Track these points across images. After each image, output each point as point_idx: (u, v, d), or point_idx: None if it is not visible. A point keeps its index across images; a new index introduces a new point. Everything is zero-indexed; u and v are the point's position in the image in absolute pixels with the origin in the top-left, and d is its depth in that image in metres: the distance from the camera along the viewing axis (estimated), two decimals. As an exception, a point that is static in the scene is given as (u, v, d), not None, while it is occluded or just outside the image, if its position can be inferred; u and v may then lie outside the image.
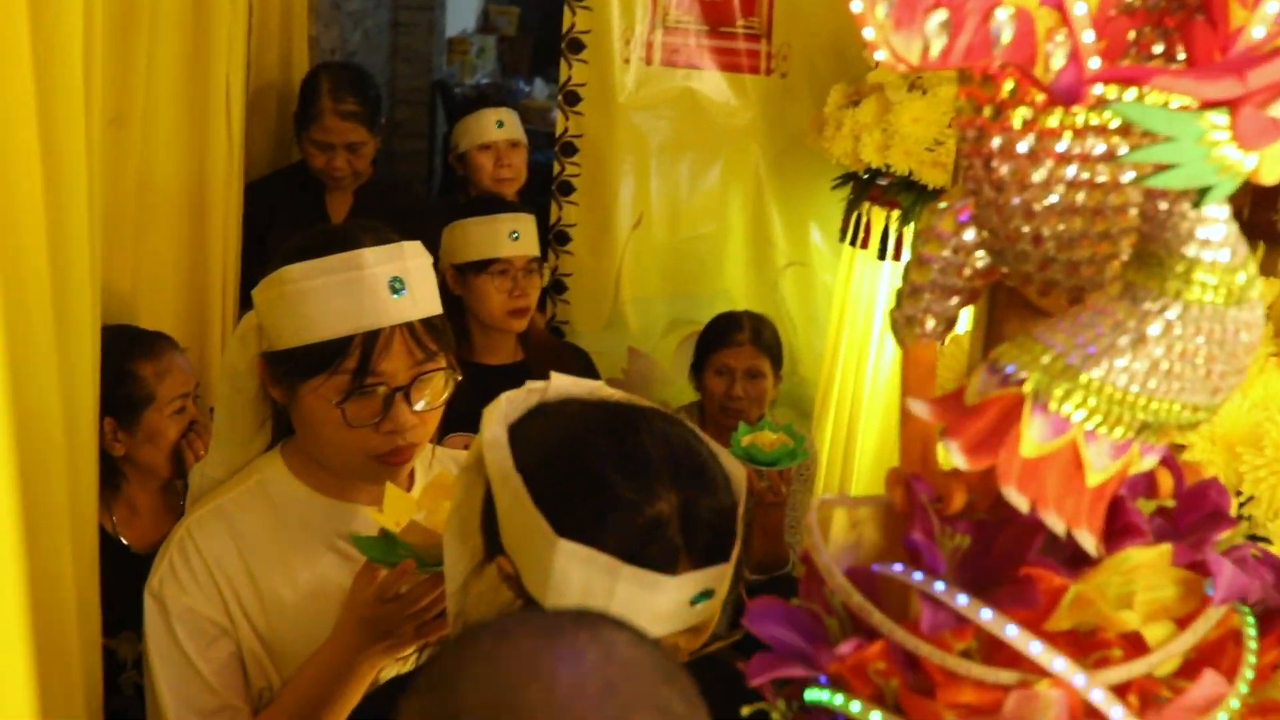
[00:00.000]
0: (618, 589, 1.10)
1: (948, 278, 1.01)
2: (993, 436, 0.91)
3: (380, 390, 1.52)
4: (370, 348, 1.50)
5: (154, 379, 2.24)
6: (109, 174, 2.21)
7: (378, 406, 1.53)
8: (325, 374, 1.51)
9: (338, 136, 3.24)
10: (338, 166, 3.27)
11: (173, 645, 1.53)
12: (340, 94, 3.22)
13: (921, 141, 2.89)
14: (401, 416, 1.54)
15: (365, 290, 1.50)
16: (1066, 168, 0.93)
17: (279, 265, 1.53)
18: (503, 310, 2.82)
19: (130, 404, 2.23)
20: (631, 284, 3.75)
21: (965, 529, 1.00)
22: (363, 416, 1.52)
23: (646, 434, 1.17)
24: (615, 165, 3.67)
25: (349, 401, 1.51)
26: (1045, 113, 0.92)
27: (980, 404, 0.91)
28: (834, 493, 3.32)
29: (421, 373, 1.55)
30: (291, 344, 1.51)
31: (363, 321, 1.50)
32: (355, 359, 1.50)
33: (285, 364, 1.53)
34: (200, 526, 1.58)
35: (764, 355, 3.10)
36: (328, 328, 1.50)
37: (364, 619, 1.50)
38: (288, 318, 1.51)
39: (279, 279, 1.51)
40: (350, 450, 1.55)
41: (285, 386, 1.55)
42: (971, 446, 0.91)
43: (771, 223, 3.71)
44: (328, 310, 1.49)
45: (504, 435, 1.18)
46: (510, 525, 1.17)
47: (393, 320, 1.52)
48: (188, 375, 2.31)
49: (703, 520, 1.14)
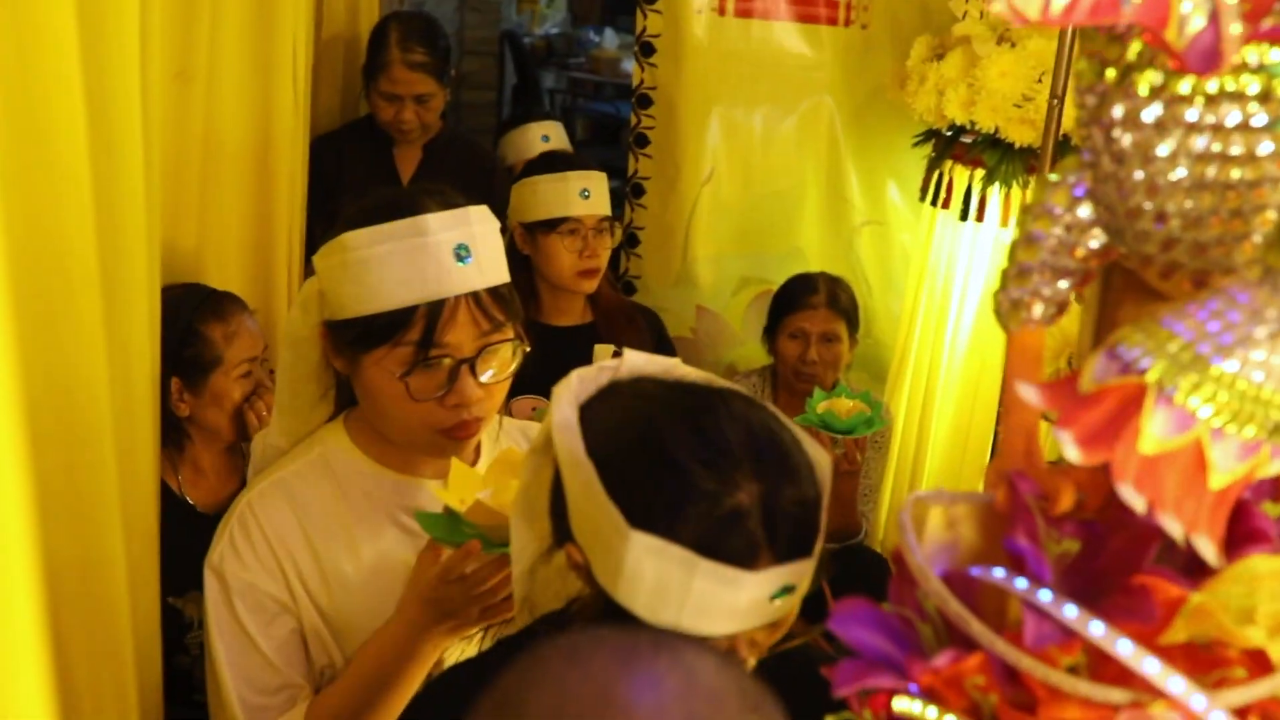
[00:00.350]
0: (694, 584, 1.03)
1: (1059, 258, 0.93)
2: (1109, 428, 0.83)
3: (445, 362, 1.46)
4: (434, 318, 1.44)
5: (222, 341, 2.21)
6: (173, 130, 2.17)
7: (442, 379, 1.47)
8: (388, 345, 1.45)
9: (405, 88, 3.18)
10: (405, 119, 3.21)
11: (233, 622, 1.49)
12: (409, 44, 3.15)
13: (1009, 97, 2.78)
14: (467, 389, 1.47)
15: (429, 258, 1.43)
16: (1196, 139, 0.84)
17: (340, 231, 1.47)
18: (572, 271, 2.75)
19: (197, 365, 2.20)
20: (702, 240, 3.67)
21: (1073, 532, 0.92)
22: (427, 390, 1.46)
23: (725, 418, 1.10)
24: (688, 118, 3.58)
25: (413, 374, 1.45)
26: (1175, 78, 0.83)
27: (1097, 392, 0.83)
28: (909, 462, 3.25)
29: (488, 344, 1.49)
30: (353, 314, 1.46)
31: (426, 291, 1.44)
32: (419, 330, 1.44)
33: (347, 334, 1.48)
34: (261, 500, 1.53)
35: (840, 319, 3.02)
36: (390, 297, 1.43)
37: (428, 599, 1.45)
38: (349, 286, 1.45)
39: (340, 246, 1.45)
40: (414, 424, 1.49)
41: (347, 357, 1.50)
42: (1086, 438, 0.83)
43: (848, 179, 3.61)
44: (390, 279, 1.43)
45: (574, 417, 1.12)
46: (580, 513, 1.11)
47: (458, 289, 1.45)
48: (256, 338, 2.27)
49: (785, 512, 1.07)
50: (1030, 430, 0.96)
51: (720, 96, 3.56)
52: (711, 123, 3.58)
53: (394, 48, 3.15)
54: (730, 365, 3.70)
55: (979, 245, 3.06)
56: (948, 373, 3.20)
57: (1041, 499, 0.92)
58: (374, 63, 3.20)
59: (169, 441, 2.23)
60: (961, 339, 3.15)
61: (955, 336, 3.16)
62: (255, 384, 2.25)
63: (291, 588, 1.51)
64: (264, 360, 2.30)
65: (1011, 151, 2.88)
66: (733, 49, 3.52)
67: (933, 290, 3.19)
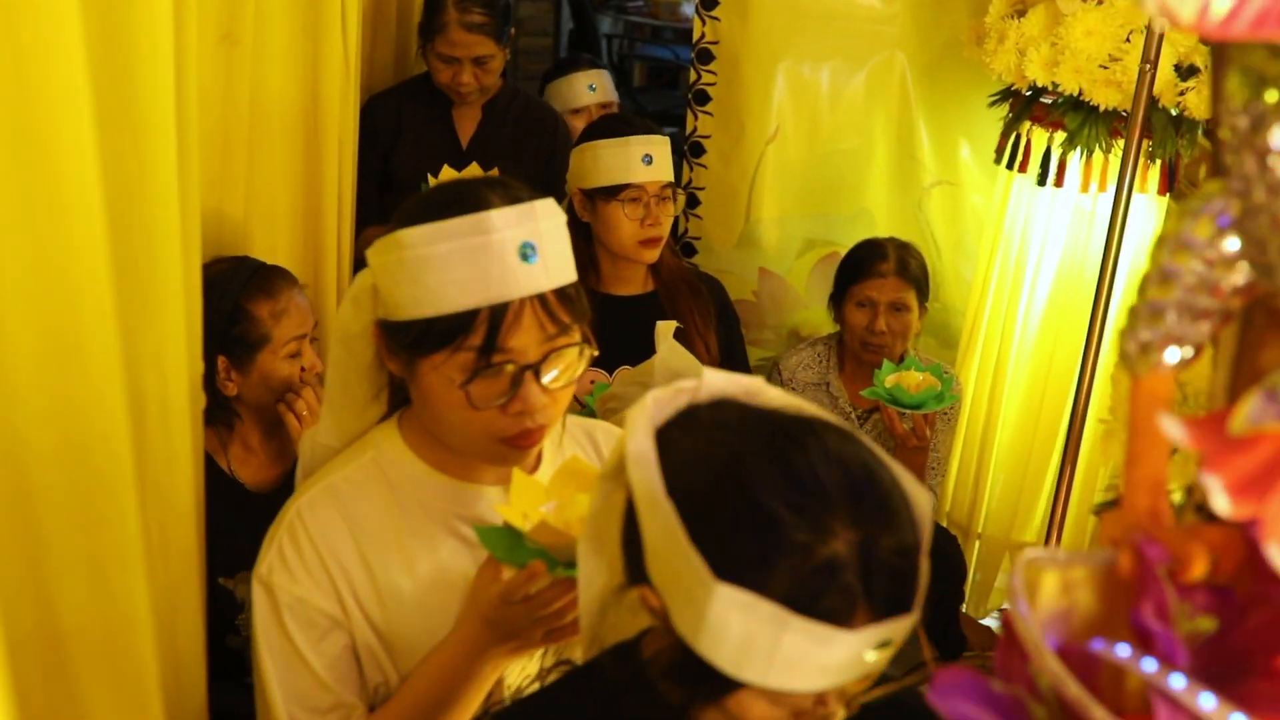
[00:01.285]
0: (784, 641, 0.94)
1: (1198, 296, 0.82)
2: (1265, 478, 0.72)
3: (508, 369, 1.36)
4: (498, 322, 1.33)
5: (270, 320, 2.14)
6: (220, 95, 2.09)
7: (505, 386, 1.37)
8: (448, 350, 1.35)
9: (463, 50, 3.06)
10: (464, 82, 3.10)
11: (283, 638, 1.41)
12: (466, 4, 3.03)
13: (1095, 58, 2.64)
14: (531, 396, 1.37)
15: (493, 258, 1.32)
16: (1368, 170, 0.73)
17: (397, 225, 1.36)
18: (634, 240, 2.64)
19: (245, 344, 2.13)
20: (766, 200, 3.56)
21: (1206, 604, 0.82)
22: (488, 397, 1.36)
23: (818, 455, 1.00)
24: (752, 73, 3.46)
25: (474, 381, 1.36)
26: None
27: (1251, 437, 0.73)
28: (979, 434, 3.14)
29: (554, 349, 1.38)
30: (410, 315, 1.35)
31: (489, 293, 1.33)
32: (481, 335, 1.33)
33: (403, 337, 1.38)
34: (311, 508, 1.45)
35: (910, 287, 2.90)
36: (450, 300, 1.33)
37: (489, 619, 1.37)
38: (406, 286, 1.34)
39: (396, 243, 1.35)
40: (474, 432, 1.40)
41: (403, 360, 1.40)
42: (1237, 486, 0.72)
43: (918, 138, 3.48)
44: (450, 280, 1.32)
45: (652, 450, 1.02)
46: (658, 556, 1.02)
47: (523, 291, 1.34)
48: (305, 315, 2.20)
49: (884, 562, 0.97)
50: (1157, 486, 0.86)
51: (786, 51, 3.43)
52: (777, 78, 3.45)
53: (451, 8, 3.03)
54: (793, 330, 3.60)
55: (1057, 211, 2.93)
56: (1020, 344, 3.08)
57: (1171, 565, 0.82)
58: (430, 23, 3.08)
59: (218, 420, 2.18)
60: (1036, 309, 3.03)
61: (1030, 307, 3.03)
62: (304, 363, 2.18)
63: (344, 602, 1.43)
64: (314, 338, 2.23)
65: (1095, 114, 2.74)
66: (800, 1, 3.38)
67: (1007, 257, 3.06)
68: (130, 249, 1.42)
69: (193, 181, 1.61)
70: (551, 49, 6.62)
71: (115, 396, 1.38)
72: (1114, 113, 2.72)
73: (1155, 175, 2.82)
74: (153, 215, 1.47)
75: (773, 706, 1.01)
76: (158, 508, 1.54)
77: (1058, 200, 2.91)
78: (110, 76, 1.31)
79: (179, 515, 1.66)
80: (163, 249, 1.51)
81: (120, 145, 1.37)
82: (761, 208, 3.55)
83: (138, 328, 1.46)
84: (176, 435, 1.62)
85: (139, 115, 1.41)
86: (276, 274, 2.19)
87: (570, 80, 3.82)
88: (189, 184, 1.59)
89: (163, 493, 1.58)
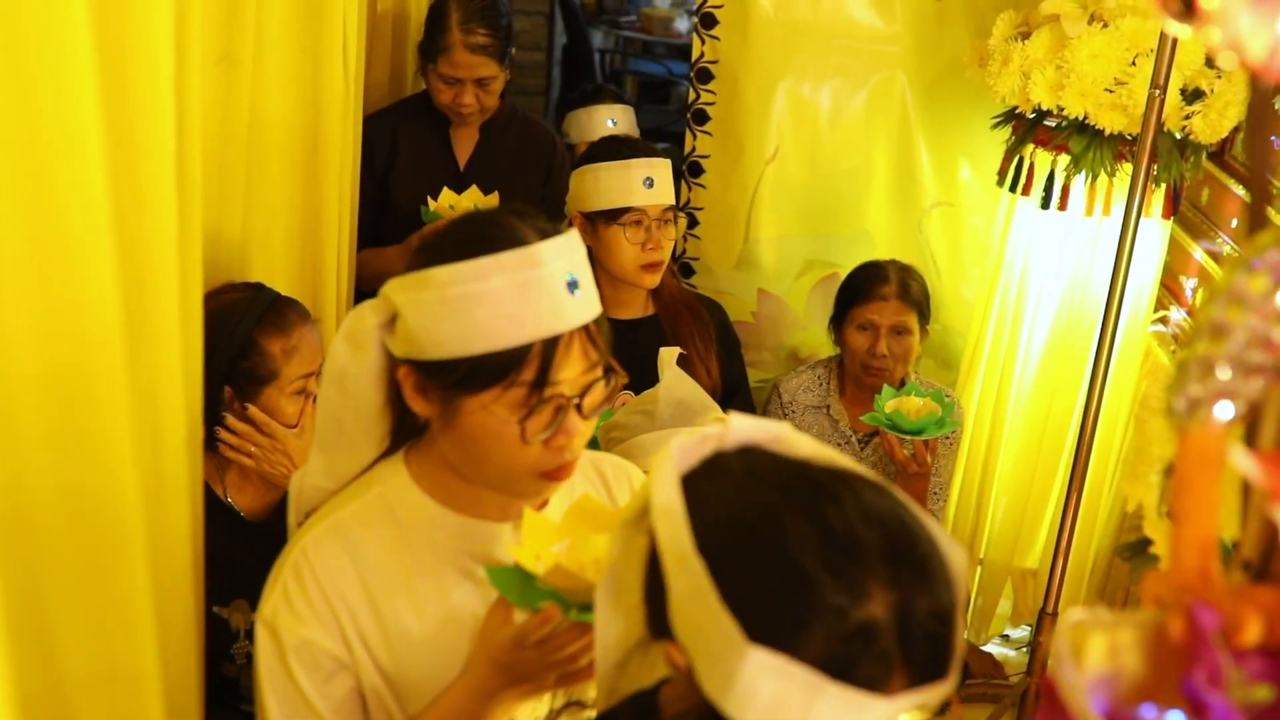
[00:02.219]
0: (816, 708, 0.91)
1: (1250, 351, 0.79)
2: None
3: (556, 401, 1.34)
4: (550, 356, 1.31)
5: (281, 356, 2.09)
6: (218, 117, 2.06)
7: (549, 419, 1.34)
8: (500, 387, 1.32)
9: (467, 71, 3.02)
10: (465, 103, 3.06)
11: (287, 681, 1.38)
12: (470, 25, 2.98)
13: (1100, 81, 2.62)
14: (573, 427, 1.36)
15: (544, 291, 1.30)
16: None
17: (423, 261, 1.33)
18: (635, 264, 2.61)
19: (253, 378, 2.09)
20: (765, 221, 3.53)
21: (1261, 671, 0.79)
22: (538, 431, 1.34)
23: (854, 511, 0.96)
24: (752, 93, 3.43)
25: (530, 417, 1.33)
26: None
27: None
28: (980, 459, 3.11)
29: (595, 379, 1.37)
30: (457, 354, 1.31)
31: (542, 327, 1.30)
32: (534, 369, 1.31)
33: (448, 376, 1.33)
34: (316, 547, 1.41)
35: (911, 310, 2.88)
36: (504, 335, 1.30)
37: (500, 663, 1.34)
38: (450, 323, 1.31)
39: (430, 281, 1.31)
40: (518, 468, 1.37)
41: (441, 399, 1.36)
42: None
43: (918, 159, 3.45)
44: (503, 315, 1.29)
45: (680, 503, 0.99)
46: (685, 614, 0.98)
47: (572, 324, 1.32)
48: (315, 353, 2.15)
49: (922, 625, 0.94)
50: (1207, 546, 0.83)
51: (787, 71, 3.41)
52: (777, 98, 3.42)
53: (455, 29, 2.99)
54: (792, 351, 3.57)
55: (1060, 235, 2.90)
56: (1023, 368, 3.06)
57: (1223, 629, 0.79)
58: (433, 43, 3.04)
59: (216, 448, 2.14)
60: (1040, 333, 3.01)
61: (1033, 330, 3.01)
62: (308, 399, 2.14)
63: (350, 644, 1.39)
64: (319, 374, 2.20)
65: (1100, 138, 2.72)
66: (801, 20, 3.37)
67: (1009, 280, 3.04)
68: (131, 275, 1.39)
69: (193, 205, 1.59)
70: (544, 64, 6.60)
71: (120, 429, 1.35)
72: (1119, 136, 2.70)
73: (1160, 198, 2.80)
74: (151, 243, 1.44)
75: None
76: (157, 552, 1.50)
77: (1061, 223, 2.89)
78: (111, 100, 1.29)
79: (174, 545, 1.62)
80: (161, 276, 1.48)
81: (120, 170, 1.35)
82: (760, 228, 3.52)
83: (139, 356, 1.43)
84: (171, 465, 1.58)
85: (138, 138, 1.38)
86: (291, 308, 2.14)
87: (591, 112, 3.77)
88: (189, 207, 1.56)
89: (158, 523, 1.54)
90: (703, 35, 3.43)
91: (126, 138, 1.35)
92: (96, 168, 1.24)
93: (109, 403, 1.34)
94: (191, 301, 1.61)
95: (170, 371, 1.54)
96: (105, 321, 1.31)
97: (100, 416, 1.34)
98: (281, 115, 2.25)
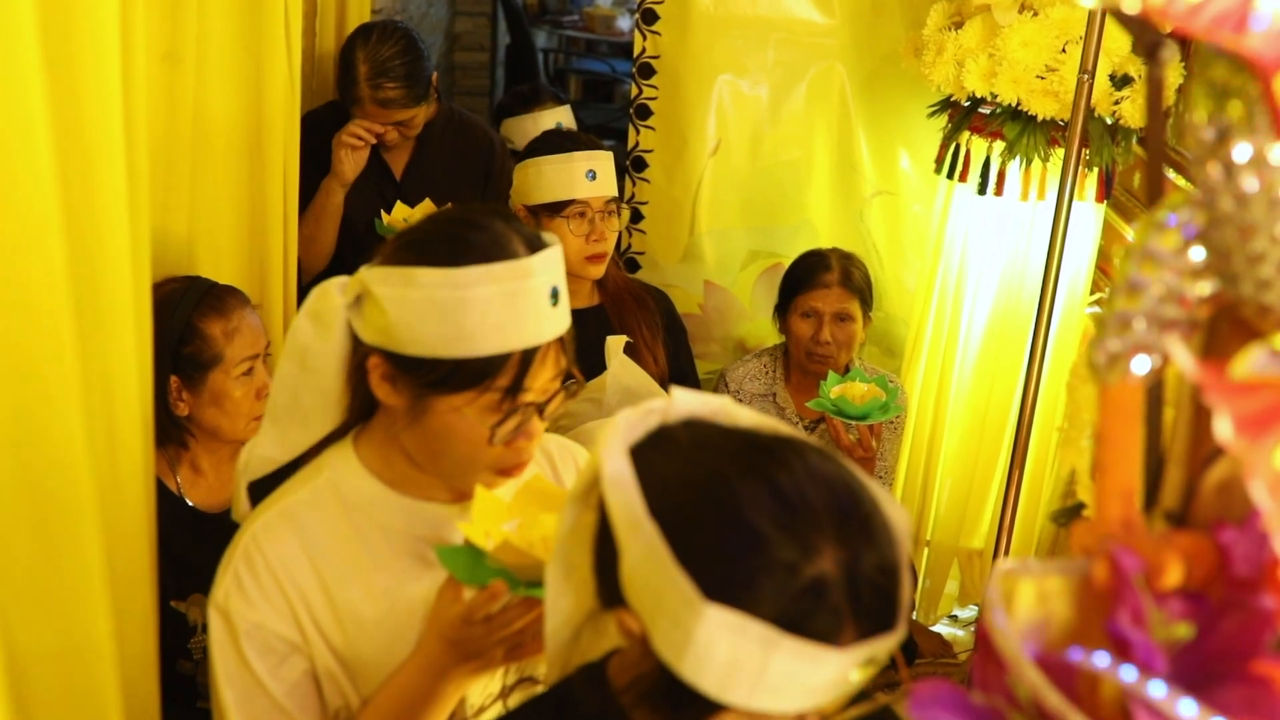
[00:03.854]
0: (772, 663, 0.94)
1: (1165, 306, 0.83)
2: (1264, 419, 0.73)
3: (527, 407, 1.39)
4: (528, 364, 1.35)
5: (222, 339, 2.11)
6: (163, 114, 2.07)
7: (516, 422, 1.39)
8: (474, 391, 1.35)
9: (382, 119, 2.99)
10: (388, 140, 3.04)
11: (241, 666, 1.39)
12: (378, 81, 2.94)
13: (1031, 69, 2.68)
14: (535, 430, 1.41)
15: (530, 303, 1.34)
16: (1332, 179, 0.75)
17: (407, 258, 1.35)
18: (579, 256, 2.63)
19: (196, 363, 2.10)
20: (709, 213, 3.57)
21: (1182, 611, 0.83)
22: (505, 433, 1.38)
23: (802, 474, 1.00)
24: (693, 88, 3.47)
25: (504, 421, 1.37)
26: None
27: (1253, 384, 0.74)
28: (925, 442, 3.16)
29: (562, 387, 1.42)
30: (435, 354, 1.34)
31: (524, 337, 1.35)
32: (510, 376, 1.35)
33: (424, 374, 1.36)
34: (267, 532, 1.43)
35: (854, 297, 2.92)
36: (488, 343, 1.33)
37: (450, 640, 1.36)
38: (435, 325, 1.33)
39: (417, 280, 1.33)
40: (478, 465, 1.41)
41: (413, 394, 1.39)
42: (1244, 421, 0.73)
43: (858, 149, 3.50)
44: (490, 323, 1.32)
45: (630, 471, 1.02)
46: (638, 579, 1.01)
47: (551, 335, 1.37)
48: (258, 335, 2.18)
49: (869, 581, 0.98)
50: (1129, 494, 0.87)
51: (727, 64, 3.45)
52: (718, 92, 3.46)
53: (363, 83, 2.94)
54: (740, 341, 3.61)
55: (997, 220, 2.96)
56: (964, 352, 3.11)
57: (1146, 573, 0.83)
58: (344, 93, 2.99)
59: (170, 440, 2.15)
60: (979, 317, 3.07)
61: (973, 314, 3.07)
62: (257, 384, 2.15)
63: (302, 627, 1.41)
64: (269, 356, 2.21)
65: (1033, 124, 2.78)
66: (740, 14, 3.41)
67: (949, 266, 3.09)
68: (82, 270, 1.41)
69: (142, 201, 1.60)
70: (488, 64, 6.61)
71: (73, 422, 1.37)
72: (1051, 122, 2.76)
73: (1093, 182, 2.86)
74: (102, 235, 1.46)
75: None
76: (111, 536, 1.52)
77: (997, 209, 2.95)
78: (60, 97, 1.30)
79: (129, 538, 1.63)
80: (112, 269, 1.50)
81: (70, 166, 1.36)
82: (705, 221, 3.56)
83: (91, 350, 1.44)
84: (125, 458, 1.60)
85: (87, 135, 1.40)
86: (229, 293, 2.16)
87: (536, 118, 3.63)
88: (138, 203, 1.58)
89: (112, 516, 1.56)
90: (644, 31, 3.46)
91: (75, 131, 1.37)
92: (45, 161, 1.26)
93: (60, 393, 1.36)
94: (143, 297, 1.62)
95: (124, 362, 1.55)
96: (56, 314, 1.32)
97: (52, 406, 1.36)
98: (225, 113, 2.25)
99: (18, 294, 1.27)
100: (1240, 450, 0.72)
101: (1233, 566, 0.82)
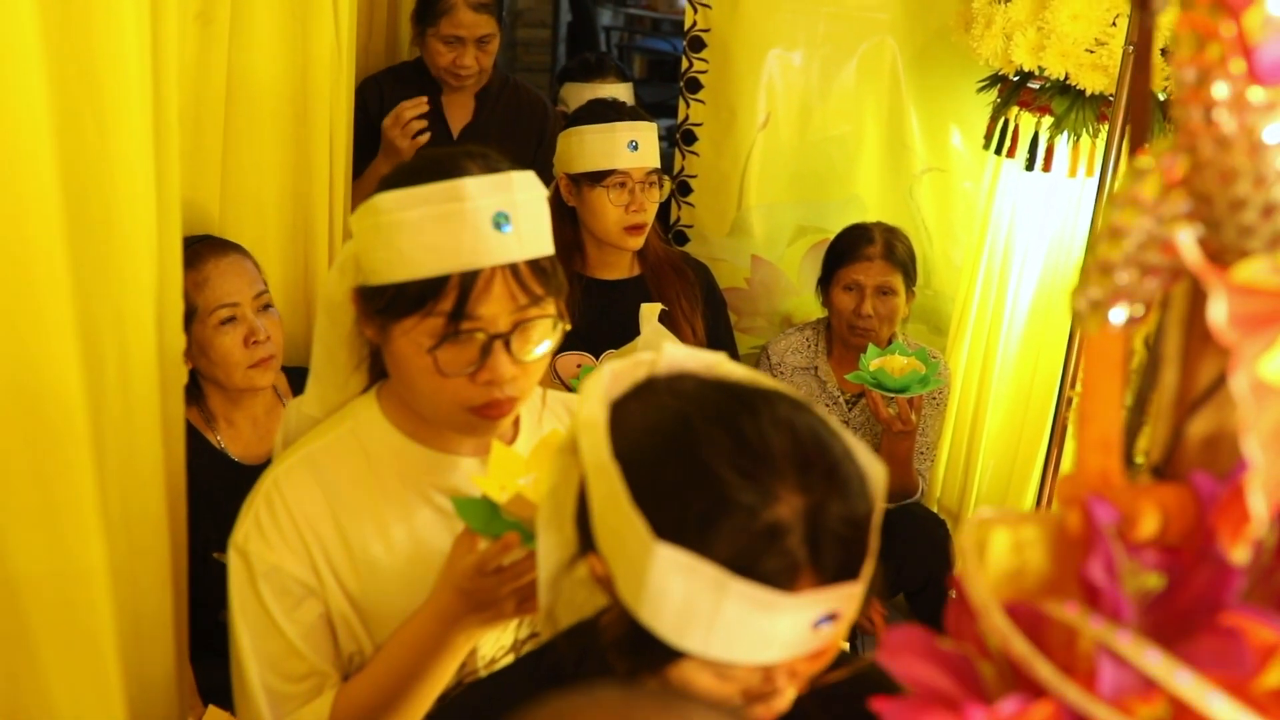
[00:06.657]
0: (725, 606, 0.94)
1: (1147, 253, 0.82)
2: (1258, 319, 0.73)
3: (478, 337, 1.37)
4: (468, 289, 1.34)
5: (193, 290, 2.12)
6: (193, 74, 2.07)
7: (474, 354, 1.37)
8: (418, 315, 1.35)
9: (469, 30, 3.05)
10: (465, 64, 3.09)
11: (258, 605, 1.42)
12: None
13: (1080, 42, 2.63)
14: (500, 367, 1.38)
15: (465, 225, 1.33)
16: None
17: (378, 190, 1.38)
18: (618, 226, 2.64)
19: None
20: (757, 188, 3.55)
21: (1155, 563, 0.82)
22: (457, 365, 1.37)
23: (769, 422, 0.99)
24: (743, 61, 3.45)
25: (442, 347, 1.36)
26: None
27: (1252, 287, 0.73)
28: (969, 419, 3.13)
29: (525, 319, 1.39)
30: (384, 280, 1.37)
31: (461, 260, 1.34)
32: (451, 301, 1.34)
33: (377, 301, 1.39)
34: (288, 477, 1.46)
35: (896, 271, 2.90)
36: (423, 264, 1.34)
37: (462, 590, 1.37)
38: (381, 250, 1.35)
39: (373, 208, 1.36)
40: (443, 400, 1.40)
41: (377, 325, 1.41)
42: (1239, 317, 0.72)
43: (908, 124, 3.47)
44: (423, 244, 1.33)
45: (603, 415, 1.02)
46: (604, 521, 1.01)
47: (494, 260, 1.35)
48: (236, 282, 2.17)
49: (831, 529, 0.96)
50: (1109, 445, 0.86)
51: (777, 38, 3.43)
52: (768, 65, 3.44)
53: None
54: (786, 316, 3.60)
55: (1045, 196, 2.92)
56: (1009, 328, 3.08)
57: (1120, 524, 0.82)
58: (431, 7, 3.07)
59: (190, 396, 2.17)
60: (1026, 294, 3.03)
61: (1019, 291, 3.03)
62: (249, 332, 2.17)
63: (319, 571, 1.44)
64: (260, 300, 2.22)
65: (1082, 98, 2.74)
66: (791, -12, 3.38)
67: (995, 242, 3.06)
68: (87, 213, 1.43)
69: (170, 156, 1.62)
70: (549, 41, 6.62)
71: (67, 351, 1.39)
72: (1101, 96, 2.72)
73: (1142, 159, 2.81)
74: (114, 181, 1.47)
75: (718, 680, 1.00)
76: (117, 471, 1.55)
77: (1045, 185, 2.91)
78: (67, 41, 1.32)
79: (142, 482, 1.66)
80: (125, 215, 1.51)
81: (79, 109, 1.38)
82: (753, 195, 3.54)
83: (95, 290, 1.46)
84: (140, 401, 1.62)
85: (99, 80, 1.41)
86: (202, 245, 2.17)
87: (596, 89, 3.73)
88: (166, 158, 1.59)
89: (122, 456, 1.58)
90: (695, 4, 3.45)
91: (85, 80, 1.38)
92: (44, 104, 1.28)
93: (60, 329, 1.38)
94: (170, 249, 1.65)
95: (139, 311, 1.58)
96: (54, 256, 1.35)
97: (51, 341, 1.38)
98: (269, 77, 2.26)
99: (10, 227, 1.30)
100: (1230, 339, 0.71)
101: (1210, 520, 0.81)
